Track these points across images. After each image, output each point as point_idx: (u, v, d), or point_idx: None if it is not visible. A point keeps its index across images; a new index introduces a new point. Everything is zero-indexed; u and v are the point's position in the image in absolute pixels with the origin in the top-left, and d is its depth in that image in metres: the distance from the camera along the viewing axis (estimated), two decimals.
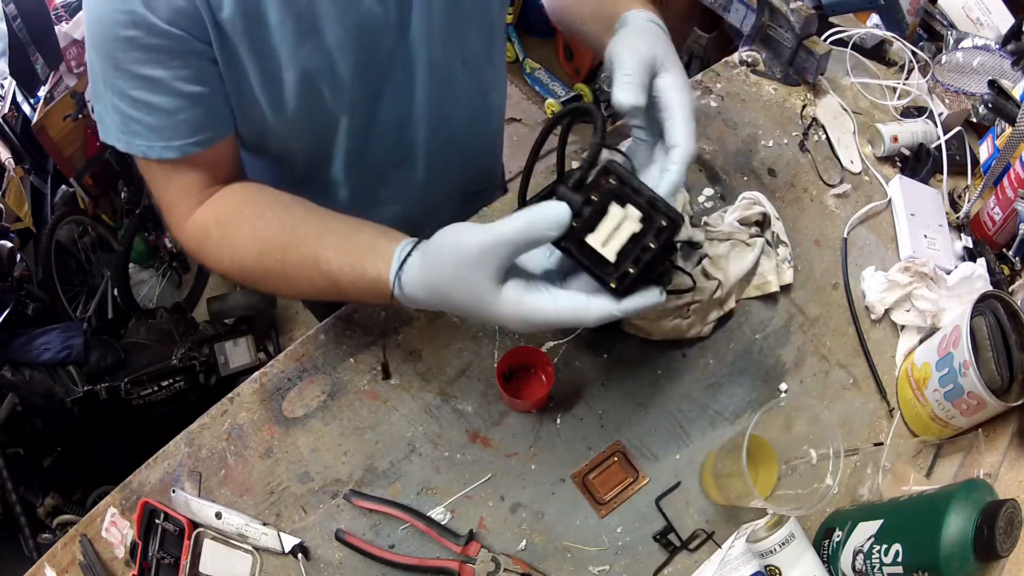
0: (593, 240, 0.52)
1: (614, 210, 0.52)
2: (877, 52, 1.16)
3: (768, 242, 0.88)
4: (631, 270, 0.51)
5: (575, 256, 0.53)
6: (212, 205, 0.69)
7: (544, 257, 0.58)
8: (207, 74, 0.64)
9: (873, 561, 0.63)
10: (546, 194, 0.63)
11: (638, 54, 0.59)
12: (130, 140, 0.65)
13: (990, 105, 1.03)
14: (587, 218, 0.51)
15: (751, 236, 0.87)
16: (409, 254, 0.58)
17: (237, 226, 0.67)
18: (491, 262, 0.51)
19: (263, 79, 0.66)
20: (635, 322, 0.81)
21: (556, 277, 0.57)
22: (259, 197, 0.70)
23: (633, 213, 0.51)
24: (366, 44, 0.69)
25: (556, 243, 0.52)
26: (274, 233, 0.65)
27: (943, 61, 1.12)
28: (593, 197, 0.52)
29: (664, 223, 0.51)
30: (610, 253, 0.51)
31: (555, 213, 0.50)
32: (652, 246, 0.51)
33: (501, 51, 0.87)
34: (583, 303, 0.52)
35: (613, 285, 0.52)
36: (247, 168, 0.87)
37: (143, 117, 0.63)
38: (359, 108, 0.75)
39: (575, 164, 0.64)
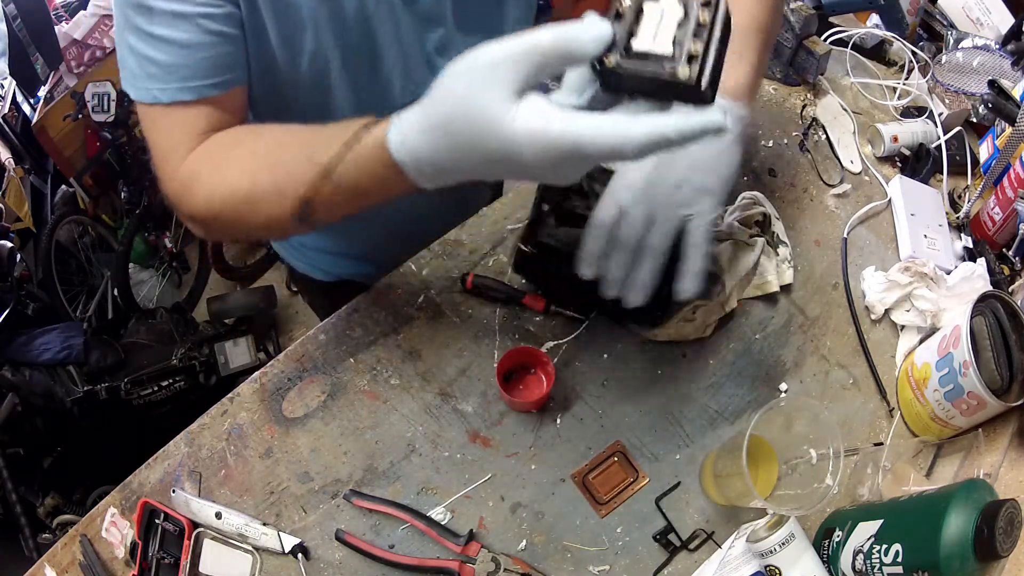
0: (640, 43, 0.42)
1: (649, 7, 0.43)
2: (877, 52, 1.16)
3: (768, 242, 0.88)
4: (699, 52, 0.41)
5: (624, 74, 0.42)
6: (207, 143, 0.65)
7: (573, 97, 0.46)
8: (232, 17, 0.63)
9: (873, 561, 0.63)
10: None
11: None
12: (143, 85, 0.63)
13: (990, 105, 1.03)
14: (625, 29, 0.42)
15: (751, 236, 0.87)
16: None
17: (231, 148, 0.64)
18: (513, 71, 0.42)
19: (282, 37, 0.67)
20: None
21: None
22: (253, 125, 0.68)
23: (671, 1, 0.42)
24: (381, 19, 0.70)
25: (596, 67, 0.43)
26: (267, 145, 0.62)
27: (943, 61, 1.12)
28: (620, 9, 0.43)
29: None
30: (664, 46, 0.41)
31: (594, 25, 0.41)
32: (710, 22, 0.41)
33: None
34: (626, 119, 0.41)
35: (683, 77, 0.40)
36: None
37: (160, 56, 0.61)
38: (367, 78, 0.75)
39: None
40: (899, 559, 0.61)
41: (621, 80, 0.43)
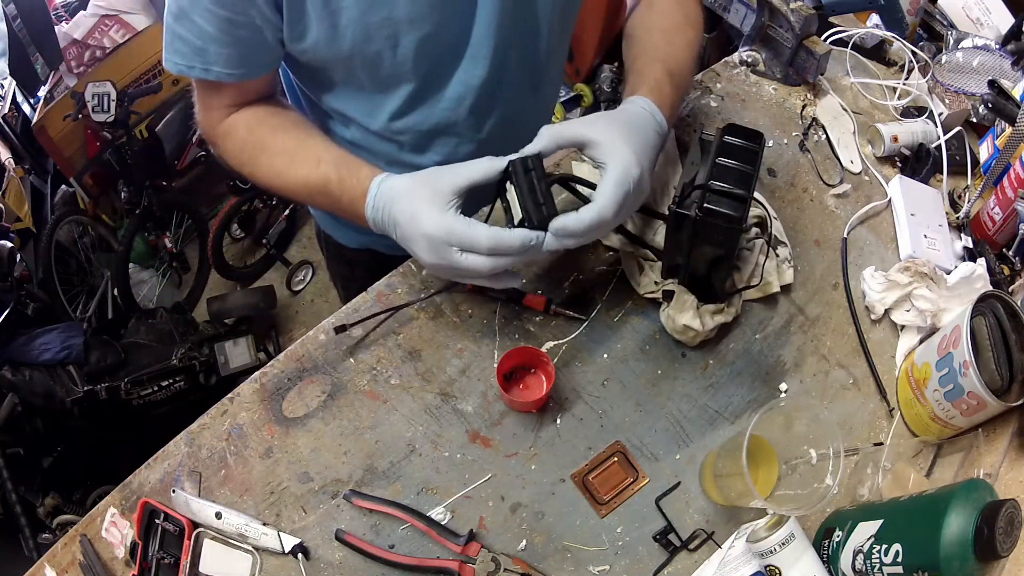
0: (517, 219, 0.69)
1: (509, 187, 0.69)
2: (877, 52, 1.16)
3: (767, 242, 0.88)
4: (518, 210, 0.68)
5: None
6: (246, 128, 0.80)
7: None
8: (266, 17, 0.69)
9: (873, 561, 0.63)
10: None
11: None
12: (186, 62, 0.72)
13: (990, 105, 1.03)
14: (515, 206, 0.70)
15: (750, 239, 0.87)
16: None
17: (265, 137, 0.79)
18: (443, 197, 0.67)
19: (325, 31, 0.71)
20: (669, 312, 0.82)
21: None
22: (286, 108, 0.83)
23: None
24: (435, 24, 0.73)
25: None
26: (293, 123, 0.80)
27: (943, 61, 1.12)
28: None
29: (507, 168, 0.68)
30: (518, 213, 0.68)
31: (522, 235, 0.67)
32: (526, 182, 0.67)
33: (560, 52, 0.90)
34: (504, 231, 0.65)
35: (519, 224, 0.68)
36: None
37: (209, 47, 0.71)
38: (414, 81, 0.79)
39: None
40: (899, 559, 0.61)
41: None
